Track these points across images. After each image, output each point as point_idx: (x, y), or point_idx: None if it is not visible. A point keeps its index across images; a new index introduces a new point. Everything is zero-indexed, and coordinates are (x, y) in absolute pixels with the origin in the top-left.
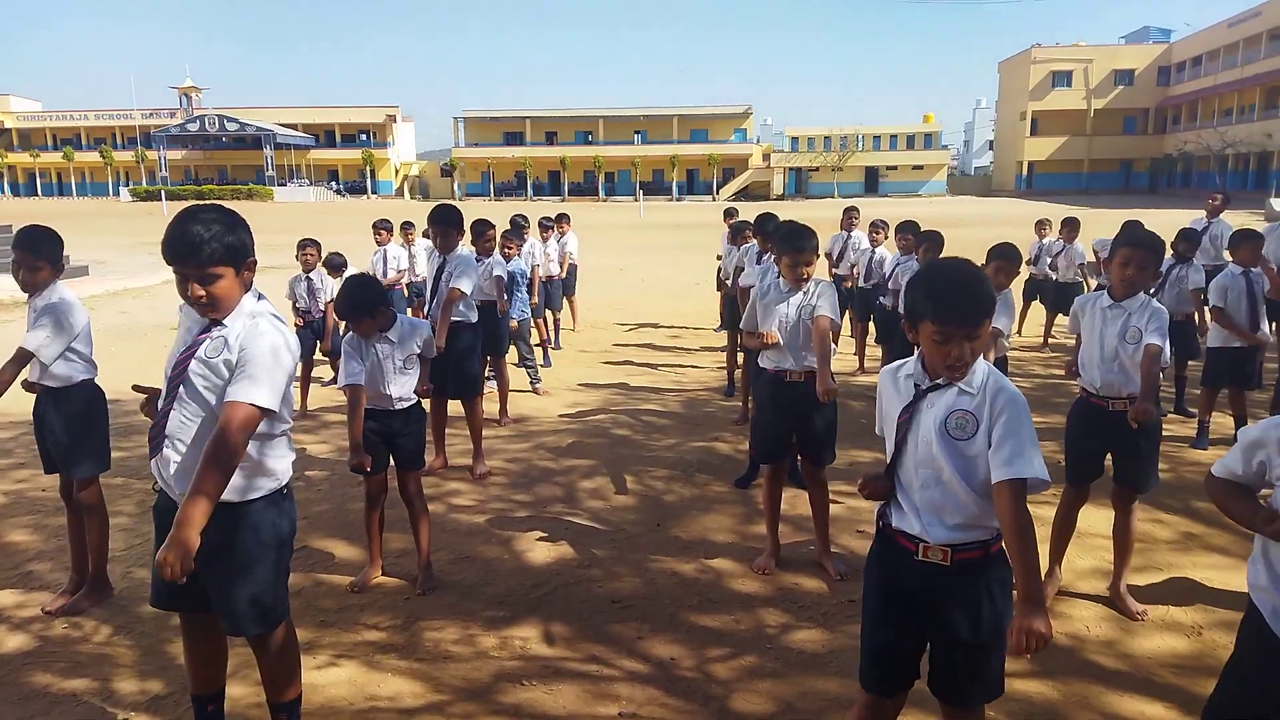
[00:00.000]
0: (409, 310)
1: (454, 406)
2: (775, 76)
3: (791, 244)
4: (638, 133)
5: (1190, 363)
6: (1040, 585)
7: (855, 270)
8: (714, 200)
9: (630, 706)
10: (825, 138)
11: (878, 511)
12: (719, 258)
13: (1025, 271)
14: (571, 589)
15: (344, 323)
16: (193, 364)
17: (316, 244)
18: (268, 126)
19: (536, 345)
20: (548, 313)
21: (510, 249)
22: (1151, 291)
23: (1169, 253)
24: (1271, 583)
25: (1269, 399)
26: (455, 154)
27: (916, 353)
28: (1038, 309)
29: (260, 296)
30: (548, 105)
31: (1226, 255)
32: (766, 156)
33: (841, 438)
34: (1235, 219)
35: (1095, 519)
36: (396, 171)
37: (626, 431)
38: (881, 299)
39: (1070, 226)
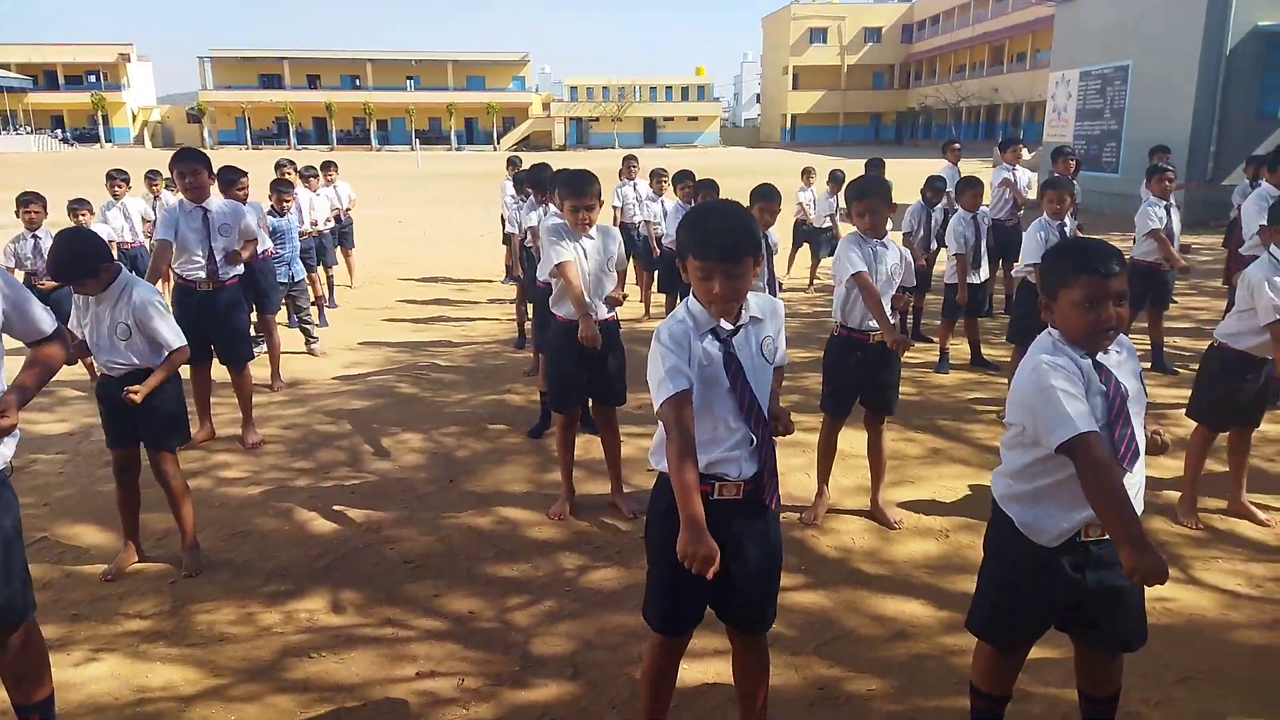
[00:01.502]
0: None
1: (219, 371)
2: (552, 25)
3: (574, 189)
4: (410, 78)
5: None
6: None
7: (637, 219)
8: (495, 150)
9: (428, 665)
10: (604, 88)
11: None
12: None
13: (793, 218)
14: (360, 554)
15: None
16: None
17: (41, 199)
18: None
19: (311, 304)
20: (322, 269)
21: (287, 201)
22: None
23: (918, 199)
24: (1022, 493)
25: (1000, 326)
26: (203, 97)
27: (685, 304)
28: (804, 253)
29: None
30: (308, 45)
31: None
32: (547, 106)
33: (629, 381)
34: (970, 165)
35: (855, 441)
36: (134, 117)
37: (413, 389)
38: (666, 246)
39: (834, 180)
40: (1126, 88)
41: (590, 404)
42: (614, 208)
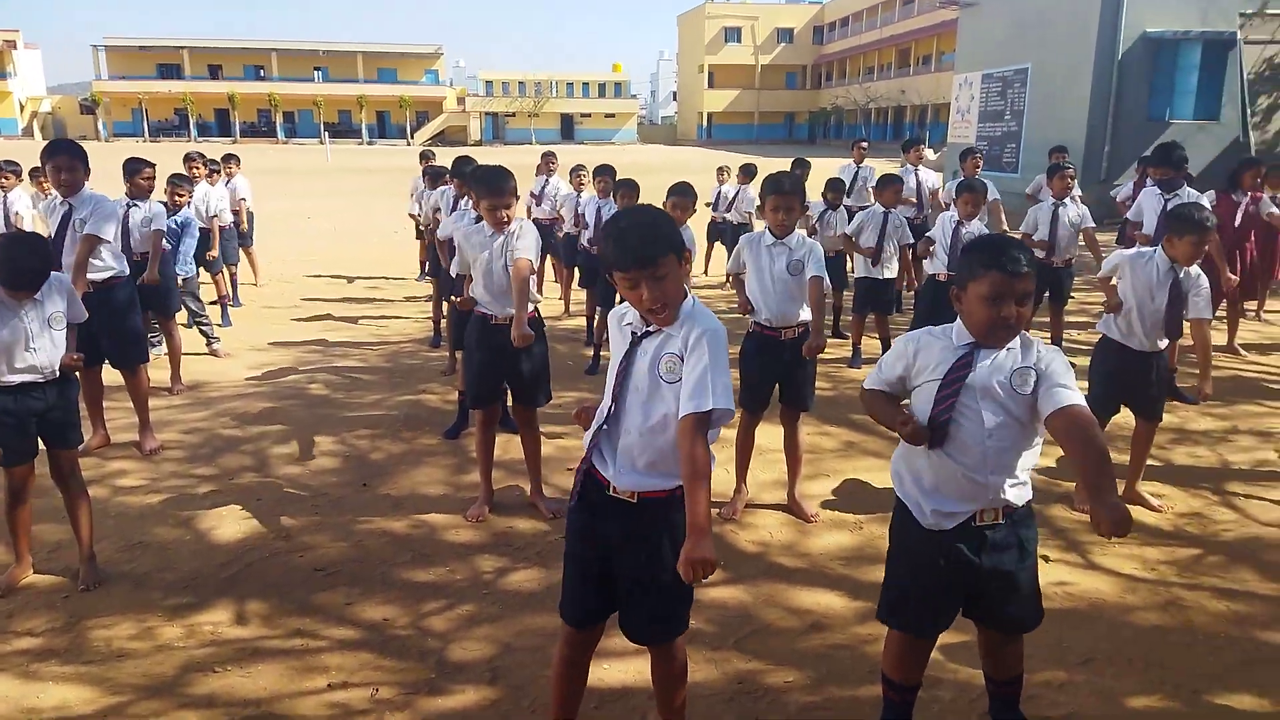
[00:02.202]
0: None
1: (112, 376)
2: (465, 19)
3: (490, 186)
4: (318, 69)
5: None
6: (707, 520)
7: (561, 214)
8: (409, 144)
9: (340, 676)
10: (520, 83)
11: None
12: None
13: (708, 215)
14: (268, 563)
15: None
16: None
17: None
18: None
19: (213, 303)
20: (225, 267)
21: (181, 196)
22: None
23: (819, 199)
24: (913, 482)
25: (909, 323)
26: (97, 87)
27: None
28: (720, 250)
29: None
30: (209, 34)
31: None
32: (461, 100)
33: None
34: (880, 165)
35: (773, 436)
36: (22, 107)
37: (324, 390)
38: (586, 243)
39: (746, 173)
40: (1026, 90)
41: (510, 403)
42: (532, 195)
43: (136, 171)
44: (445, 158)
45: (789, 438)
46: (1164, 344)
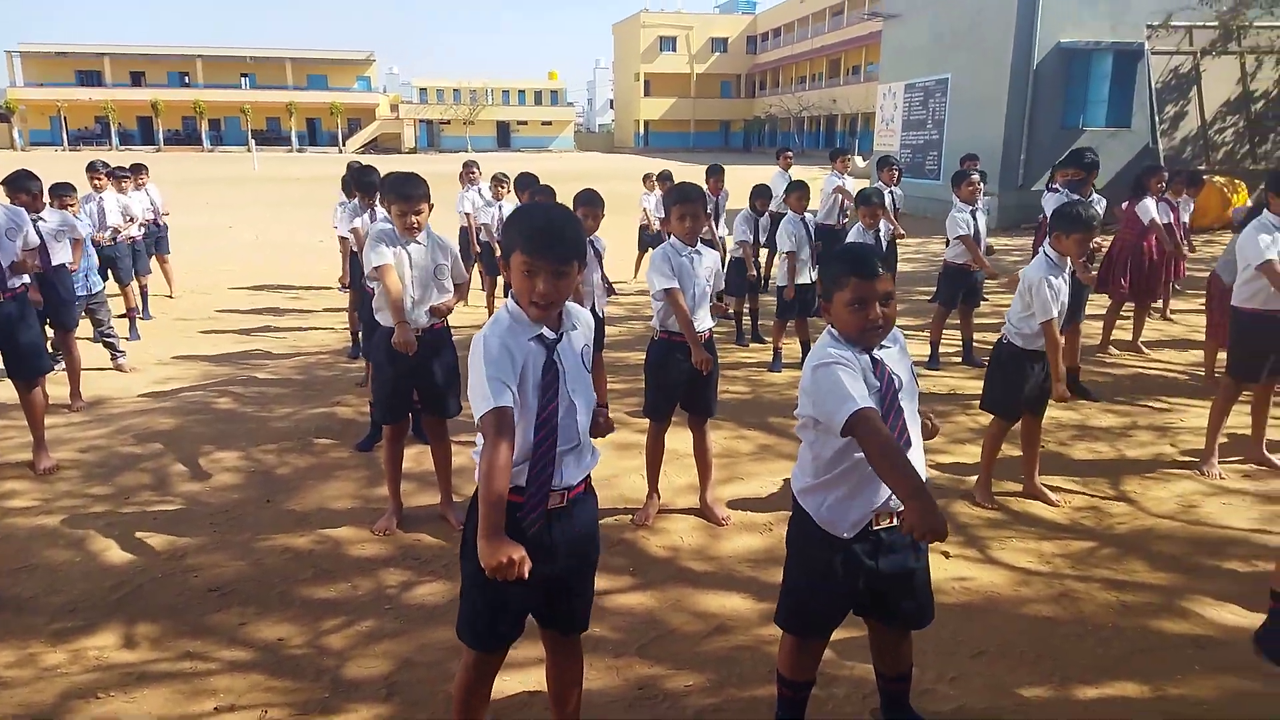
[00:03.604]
0: None
1: (7, 392)
2: (399, 25)
3: (400, 193)
4: (245, 76)
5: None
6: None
7: (476, 222)
8: (340, 152)
9: (229, 698)
10: (455, 90)
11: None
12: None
13: (637, 223)
14: (160, 584)
15: None
16: None
17: None
18: None
19: (121, 316)
20: (135, 278)
21: (70, 206)
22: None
23: (748, 207)
24: (818, 487)
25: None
26: (12, 95)
27: (505, 307)
28: (649, 258)
29: None
30: (131, 40)
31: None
32: (395, 108)
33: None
34: (809, 172)
35: (688, 440)
36: None
37: (232, 404)
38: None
39: (665, 180)
40: (946, 100)
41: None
42: (459, 213)
43: (21, 189)
44: (380, 166)
45: (698, 443)
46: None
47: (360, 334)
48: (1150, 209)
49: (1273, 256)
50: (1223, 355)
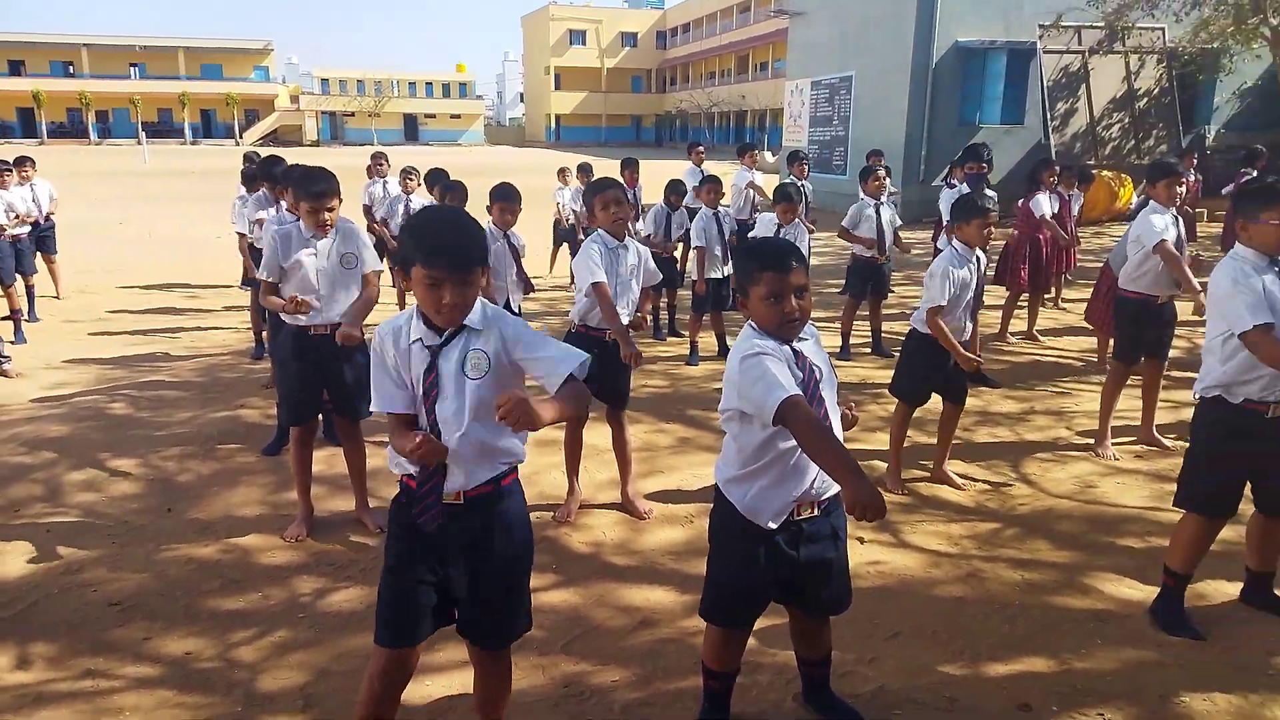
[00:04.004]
0: None
1: None
2: (299, 14)
3: (308, 189)
4: (134, 65)
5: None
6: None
7: (387, 219)
8: (238, 144)
9: (136, 716)
10: (359, 82)
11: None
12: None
13: (551, 217)
14: (57, 600)
15: None
16: None
17: None
18: None
19: (4, 318)
20: (19, 278)
21: None
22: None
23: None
24: (742, 478)
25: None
26: None
27: (412, 311)
28: (565, 252)
29: None
30: (9, 28)
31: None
32: (295, 98)
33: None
34: (721, 167)
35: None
36: None
37: (129, 409)
38: None
39: (584, 173)
40: (851, 97)
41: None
42: (365, 206)
43: None
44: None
45: (616, 436)
46: (968, 333)
47: (264, 333)
48: (1043, 204)
49: (1167, 238)
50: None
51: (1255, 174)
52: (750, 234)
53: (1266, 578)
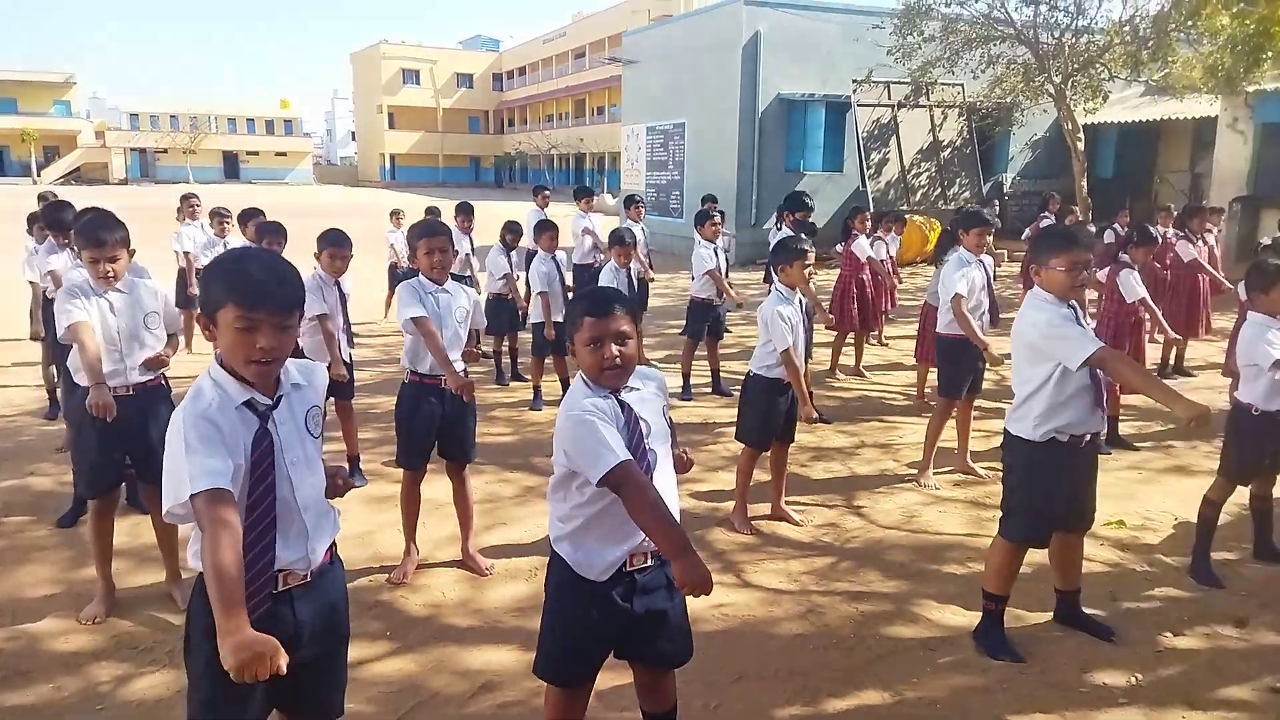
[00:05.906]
0: None
1: None
2: (105, 45)
3: (91, 239)
4: None
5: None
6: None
7: (195, 263)
8: (35, 183)
9: None
10: (173, 116)
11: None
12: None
13: (386, 261)
14: None
15: None
16: None
17: None
18: None
19: None
20: None
21: None
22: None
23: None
24: (572, 532)
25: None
26: None
27: (208, 373)
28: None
29: None
30: None
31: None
32: (101, 135)
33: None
34: (563, 209)
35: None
36: None
37: None
38: None
39: (465, 213)
40: (684, 142)
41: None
42: (175, 251)
43: None
44: (83, 199)
45: (457, 491)
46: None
47: (58, 391)
48: (865, 247)
49: (961, 291)
50: (933, 376)
51: (1051, 217)
52: (600, 280)
53: (1073, 595)
